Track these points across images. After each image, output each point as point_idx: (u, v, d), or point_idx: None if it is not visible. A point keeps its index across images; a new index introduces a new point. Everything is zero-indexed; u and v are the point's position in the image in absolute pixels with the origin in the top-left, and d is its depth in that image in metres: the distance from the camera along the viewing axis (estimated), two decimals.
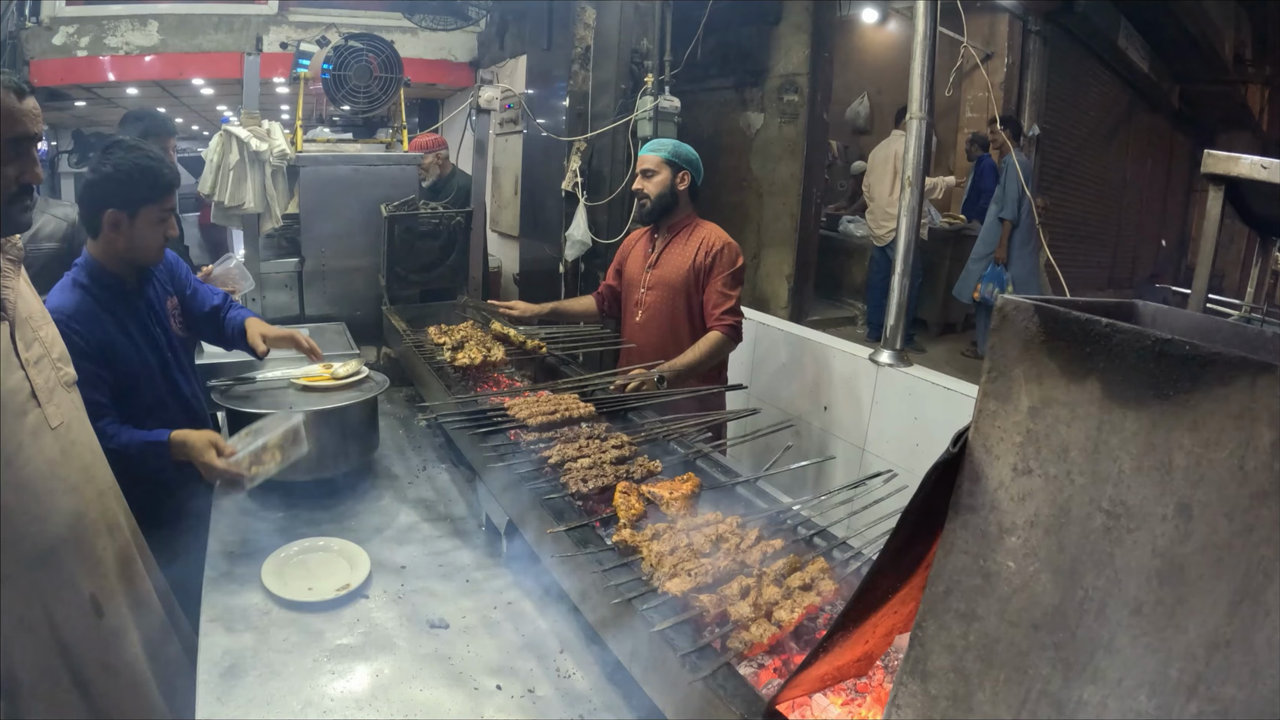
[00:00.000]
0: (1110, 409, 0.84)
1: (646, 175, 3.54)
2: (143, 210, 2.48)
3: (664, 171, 3.52)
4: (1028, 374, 0.89)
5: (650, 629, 1.53)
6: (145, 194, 2.47)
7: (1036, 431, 0.89)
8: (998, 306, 0.92)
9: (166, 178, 2.51)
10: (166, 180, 2.51)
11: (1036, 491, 0.89)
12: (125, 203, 2.45)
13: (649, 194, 3.53)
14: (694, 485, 2.12)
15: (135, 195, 2.46)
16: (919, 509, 1.00)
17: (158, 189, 2.49)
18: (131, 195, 2.45)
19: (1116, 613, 0.84)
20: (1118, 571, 0.84)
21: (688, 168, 3.57)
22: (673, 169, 3.53)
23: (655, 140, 3.67)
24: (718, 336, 3.36)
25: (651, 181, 3.53)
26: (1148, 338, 0.80)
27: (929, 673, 1.00)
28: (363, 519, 2.74)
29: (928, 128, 3.67)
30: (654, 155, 3.53)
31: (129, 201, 2.45)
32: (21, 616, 1.86)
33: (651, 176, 3.53)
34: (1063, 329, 0.86)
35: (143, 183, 2.45)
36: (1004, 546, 0.92)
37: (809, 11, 7.17)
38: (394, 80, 4.65)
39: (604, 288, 3.91)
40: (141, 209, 2.48)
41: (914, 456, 3.51)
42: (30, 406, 1.88)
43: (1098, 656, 0.86)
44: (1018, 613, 0.92)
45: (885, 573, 1.09)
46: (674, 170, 3.53)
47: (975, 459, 0.94)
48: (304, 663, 1.97)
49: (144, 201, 2.47)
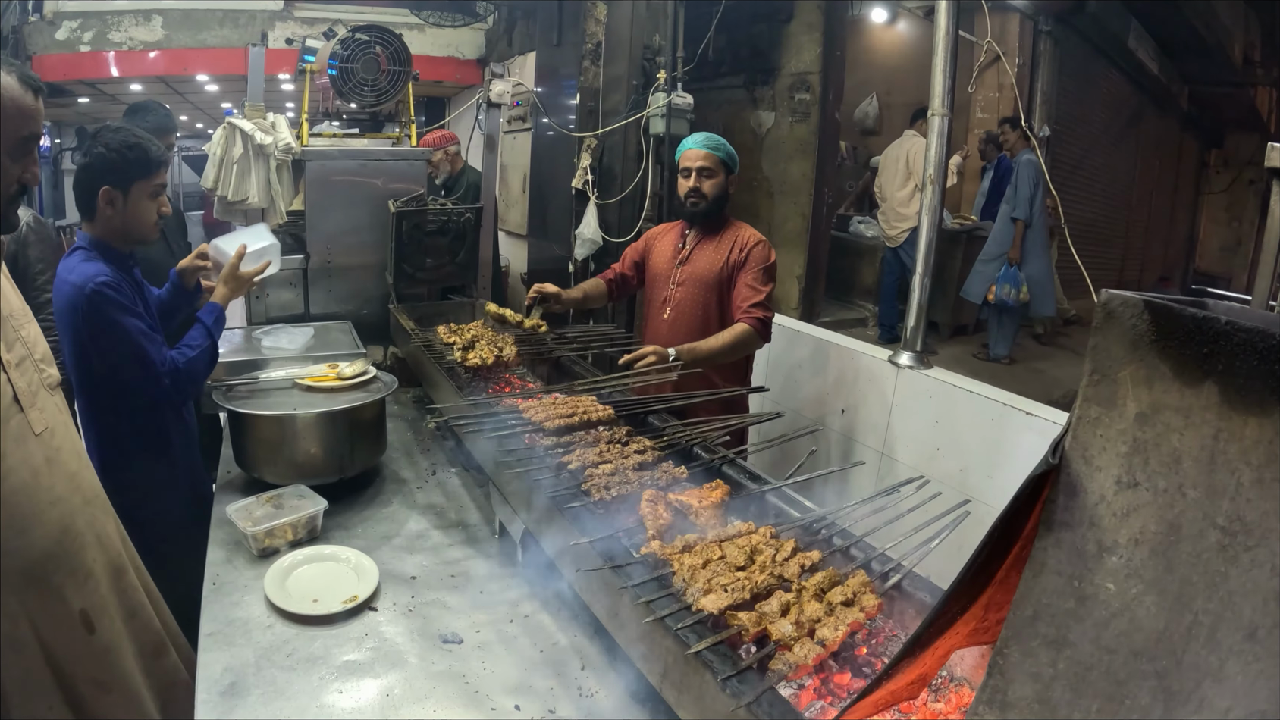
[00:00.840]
0: (1229, 416, 0.75)
1: (704, 174, 3.43)
2: (135, 186, 2.59)
3: (721, 174, 3.44)
4: (1135, 377, 0.80)
5: (685, 650, 1.43)
6: (136, 170, 2.58)
7: (1145, 440, 0.80)
8: (1102, 302, 0.83)
9: (155, 153, 2.61)
10: (155, 156, 2.62)
11: (1143, 506, 0.81)
12: (118, 180, 2.56)
13: (706, 194, 3.44)
14: (723, 493, 2.04)
15: (127, 172, 2.57)
16: (1004, 526, 0.91)
17: (147, 164, 2.60)
18: (123, 172, 2.56)
19: (1229, 638, 0.76)
20: (1232, 593, 0.76)
21: (736, 169, 3.51)
22: (727, 171, 3.46)
23: (705, 135, 3.51)
24: (744, 329, 3.26)
25: (710, 182, 3.43)
26: (1273, 337, 0.71)
27: (1010, 702, 0.91)
28: (370, 526, 2.66)
29: (949, 124, 3.61)
30: (713, 154, 3.41)
31: (122, 178, 2.56)
32: (8, 635, 1.79)
33: (710, 177, 3.43)
34: (1177, 327, 0.77)
35: (133, 159, 2.57)
36: (1104, 567, 0.83)
37: (821, 10, 7.15)
38: (402, 73, 4.57)
39: (615, 274, 3.79)
40: (133, 184, 2.59)
41: (935, 460, 3.45)
42: (12, 412, 1.81)
43: (1205, 685, 0.78)
44: (1116, 638, 0.83)
45: (961, 595, 1.00)
46: (728, 172, 3.46)
47: (1073, 471, 0.85)
48: (309, 681, 1.88)
49: (135, 177, 2.58)
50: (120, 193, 2.56)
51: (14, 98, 1.72)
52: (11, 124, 1.73)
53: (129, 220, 2.61)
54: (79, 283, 2.43)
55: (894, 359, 3.69)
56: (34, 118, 1.78)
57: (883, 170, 8.07)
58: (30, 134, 1.79)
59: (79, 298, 2.42)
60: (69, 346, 2.53)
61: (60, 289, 2.49)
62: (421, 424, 3.54)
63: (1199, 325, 0.76)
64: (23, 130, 1.76)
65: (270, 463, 2.79)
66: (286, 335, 3.73)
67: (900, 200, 7.60)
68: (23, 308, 1.98)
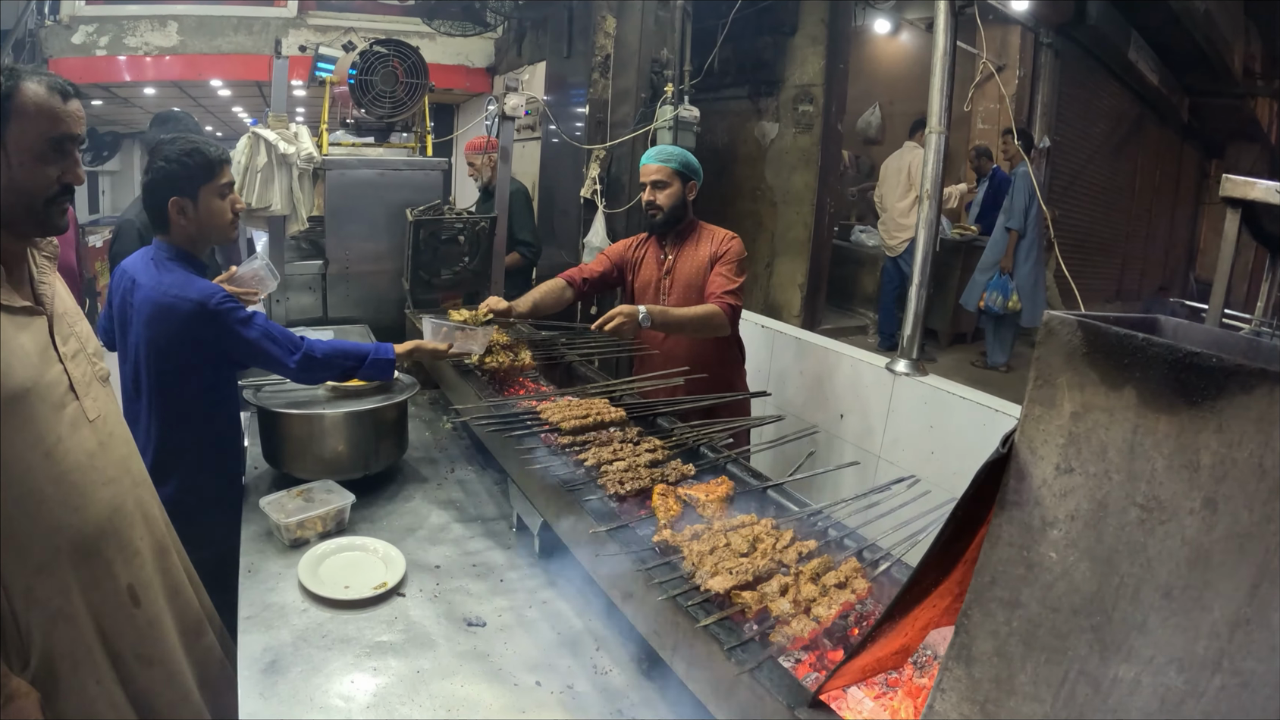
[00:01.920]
0: (1145, 414, 0.92)
1: (658, 187, 3.58)
2: (202, 190, 2.66)
3: (675, 183, 3.58)
4: (1070, 382, 0.97)
5: (695, 624, 1.60)
6: (200, 175, 2.64)
7: (1078, 434, 0.97)
8: (1045, 321, 1.00)
9: (215, 154, 2.66)
10: (216, 156, 2.66)
11: (1077, 488, 0.97)
12: (185, 188, 2.63)
13: (661, 205, 3.59)
14: (728, 488, 2.20)
15: (192, 177, 2.63)
16: (967, 506, 1.08)
17: (210, 167, 2.65)
18: (188, 179, 2.62)
19: (1149, 596, 0.92)
20: (1150, 559, 0.92)
21: (695, 177, 3.64)
22: (682, 180, 3.59)
23: (660, 149, 3.69)
24: (715, 309, 3.39)
25: (664, 193, 3.58)
26: (1179, 351, 0.88)
27: (973, 657, 1.07)
28: (394, 519, 2.80)
29: (945, 141, 3.74)
30: (665, 166, 3.57)
31: (188, 185, 2.63)
32: (60, 607, 1.89)
33: (664, 188, 3.58)
34: (1103, 342, 0.94)
35: (195, 164, 2.62)
36: (1047, 539, 1.00)
37: (825, 23, 7.25)
38: (419, 86, 4.74)
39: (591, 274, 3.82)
40: (201, 189, 2.65)
41: (929, 464, 3.58)
42: (68, 400, 1.93)
43: (1132, 637, 0.93)
44: (1058, 599, 0.99)
45: (931, 566, 1.16)
46: (684, 181, 3.60)
47: (1021, 459, 1.02)
48: (345, 659, 2.01)
49: (201, 182, 2.65)
50: (189, 200, 2.64)
51: (39, 103, 1.81)
52: (37, 127, 1.81)
53: (204, 224, 2.69)
54: (199, 299, 2.53)
55: (891, 366, 3.83)
56: (65, 120, 1.86)
57: (883, 180, 8.19)
58: (64, 135, 1.86)
59: (204, 313, 2.54)
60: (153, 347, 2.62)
61: (166, 300, 2.56)
62: (439, 424, 3.69)
63: (1120, 341, 0.92)
64: (53, 132, 1.84)
65: (299, 459, 2.93)
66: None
67: (900, 211, 7.72)
68: (75, 307, 2.09)
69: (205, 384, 2.71)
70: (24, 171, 1.82)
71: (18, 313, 1.86)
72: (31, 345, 1.87)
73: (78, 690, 1.94)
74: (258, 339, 2.64)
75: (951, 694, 1.10)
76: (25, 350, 1.84)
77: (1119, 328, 0.93)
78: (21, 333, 1.85)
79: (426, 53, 5.14)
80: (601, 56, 6.08)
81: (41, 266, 1.99)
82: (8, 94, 1.77)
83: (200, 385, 2.70)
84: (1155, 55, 10.88)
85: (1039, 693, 1.01)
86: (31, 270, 1.96)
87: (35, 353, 1.87)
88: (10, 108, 1.78)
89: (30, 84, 1.81)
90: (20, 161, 1.81)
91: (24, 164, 1.82)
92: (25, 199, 1.84)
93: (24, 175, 1.82)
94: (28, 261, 1.95)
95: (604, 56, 6.08)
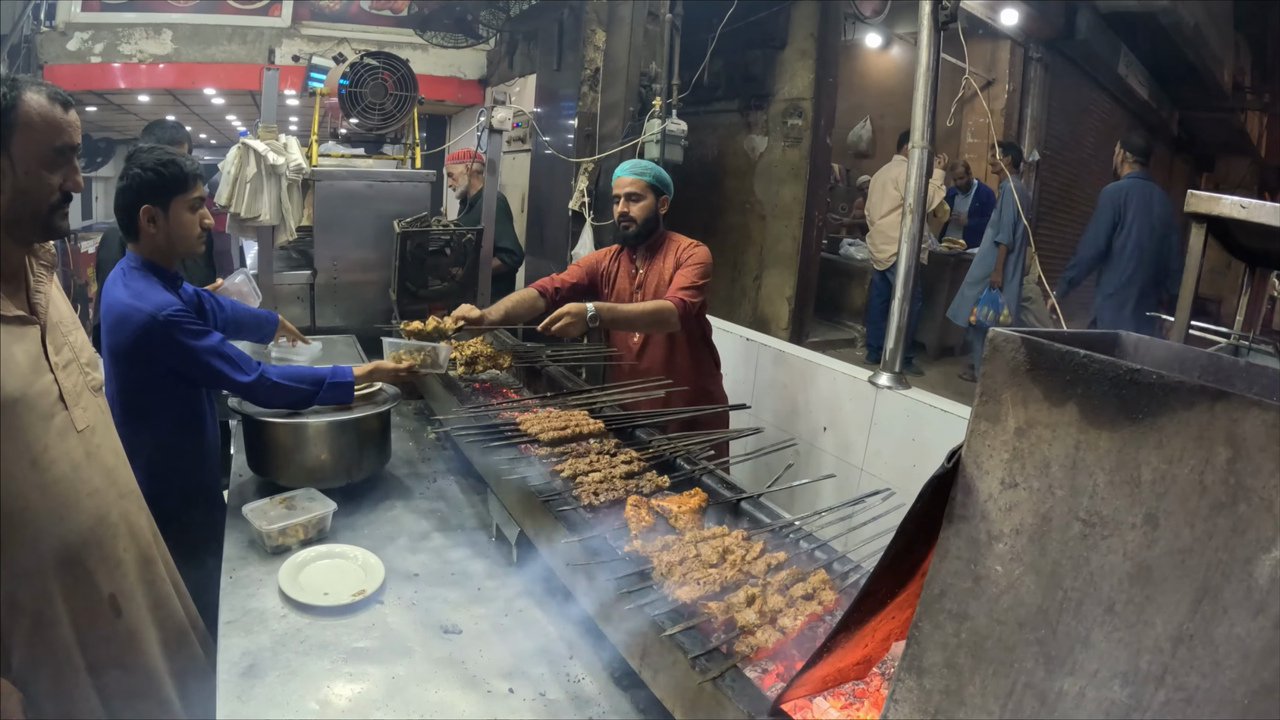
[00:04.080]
0: (1087, 430, 0.94)
1: (631, 199, 3.62)
2: (174, 201, 2.65)
3: (649, 196, 3.62)
4: (1015, 398, 0.99)
5: (661, 634, 1.62)
6: (174, 186, 2.64)
7: (1022, 449, 0.99)
8: (989, 338, 1.02)
9: (189, 169, 2.66)
10: (189, 171, 2.66)
11: (1022, 503, 0.99)
12: (157, 197, 2.63)
13: (635, 218, 3.63)
14: (701, 500, 2.22)
15: (164, 188, 2.62)
16: (916, 519, 1.10)
17: (184, 179, 2.65)
18: (161, 189, 2.62)
19: (1092, 610, 0.94)
20: (1093, 574, 0.94)
21: (667, 191, 3.68)
22: (655, 193, 3.64)
23: (634, 163, 3.74)
24: (665, 303, 3.40)
25: (637, 206, 3.62)
26: (1120, 367, 0.90)
27: (924, 669, 1.09)
28: (375, 528, 2.80)
29: (929, 156, 3.77)
30: (638, 179, 3.61)
31: (160, 195, 2.63)
32: (42, 613, 1.91)
33: (637, 201, 3.62)
34: (1046, 359, 0.97)
35: (169, 175, 2.61)
36: (993, 552, 1.02)
37: (814, 37, 7.29)
38: (409, 98, 4.76)
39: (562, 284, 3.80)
40: (172, 200, 2.65)
41: (910, 476, 3.57)
42: (57, 410, 1.94)
43: (1076, 650, 0.95)
44: (1005, 612, 1.01)
45: (884, 577, 1.18)
46: (656, 195, 3.64)
47: (967, 474, 1.04)
48: (322, 664, 2.02)
49: (174, 193, 2.64)
50: (160, 210, 2.64)
51: (43, 113, 1.84)
52: (43, 137, 1.85)
53: (173, 236, 2.69)
54: (151, 311, 2.52)
55: (874, 379, 3.85)
56: (66, 130, 1.89)
57: (871, 194, 8.23)
58: (64, 144, 1.89)
59: (154, 325, 2.52)
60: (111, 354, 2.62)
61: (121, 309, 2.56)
62: (423, 434, 3.69)
63: (1062, 358, 0.94)
64: (56, 141, 1.87)
65: (283, 467, 2.93)
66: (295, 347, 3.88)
67: (889, 224, 7.75)
68: (71, 316, 2.11)
69: (165, 394, 2.71)
70: (29, 180, 1.85)
71: (11, 322, 1.88)
72: (22, 355, 1.88)
73: (56, 695, 1.95)
74: (207, 356, 2.63)
75: (904, 704, 1.12)
76: (15, 360, 1.86)
77: (1060, 345, 0.95)
78: (13, 343, 1.87)
79: (419, 64, 5.18)
80: (591, 70, 6.11)
81: (39, 275, 2.01)
82: (11, 105, 1.80)
83: (160, 395, 2.70)
84: (1145, 69, 10.96)
85: (987, 704, 1.03)
86: (29, 279, 1.98)
87: (26, 362, 1.89)
88: (15, 118, 1.80)
89: (32, 94, 1.84)
90: (26, 170, 1.84)
91: (29, 172, 1.85)
92: (31, 206, 1.88)
93: (29, 183, 1.85)
94: (25, 270, 1.97)
95: (593, 70, 6.11)
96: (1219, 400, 0.83)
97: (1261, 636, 0.82)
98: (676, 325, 3.47)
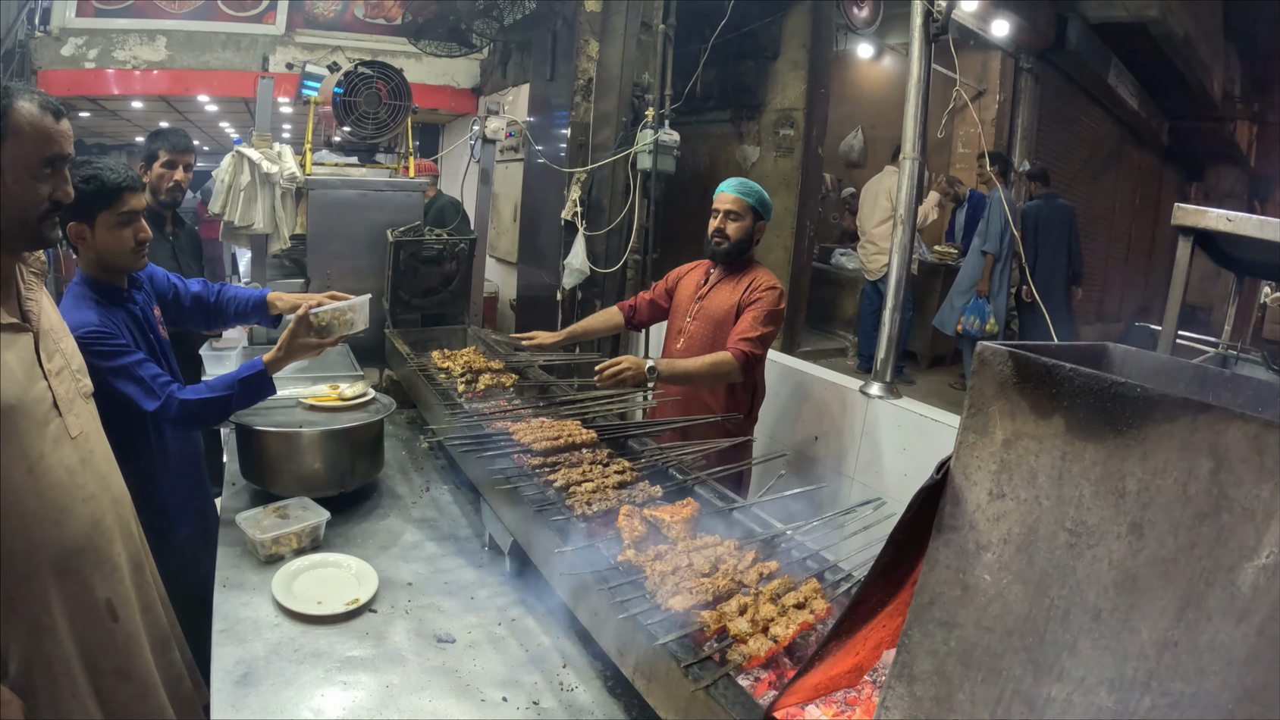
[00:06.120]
0: (1072, 442, 0.96)
1: (731, 217, 3.56)
2: (99, 217, 2.57)
3: (748, 218, 3.57)
4: (1002, 411, 1.01)
5: (654, 643, 1.63)
6: (96, 201, 2.54)
7: (1009, 461, 1.01)
8: (977, 352, 1.04)
9: (113, 181, 2.55)
10: (114, 184, 2.56)
11: (1009, 513, 1.01)
12: (81, 213, 2.54)
13: (730, 236, 3.57)
14: (693, 510, 2.23)
15: (87, 204, 2.53)
16: (906, 529, 1.12)
17: (104, 195, 2.55)
18: (84, 205, 2.51)
19: (1079, 619, 0.96)
20: (1079, 583, 0.96)
21: (766, 217, 3.65)
22: (755, 216, 3.59)
23: (740, 181, 3.67)
24: (726, 356, 3.34)
25: (734, 224, 3.56)
26: (1105, 380, 0.92)
27: (914, 676, 1.11)
28: (369, 537, 2.81)
29: (920, 167, 3.80)
30: (742, 199, 3.56)
31: (84, 211, 2.54)
32: (39, 619, 1.92)
33: (736, 220, 3.56)
34: (1032, 373, 0.98)
35: (90, 191, 2.51)
36: (981, 562, 1.04)
37: (806, 47, 7.34)
38: (402, 107, 4.77)
39: (642, 300, 3.92)
40: (98, 216, 2.57)
41: (901, 486, 3.61)
42: (52, 416, 1.95)
43: (1063, 658, 0.97)
44: (993, 620, 1.03)
45: (875, 586, 1.19)
46: (755, 218, 3.60)
47: (956, 485, 1.06)
48: (316, 673, 2.03)
49: (98, 208, 2.56)
50: (86, 225, 2.57)
51: (35, 122, 1.84)
52: (36, 146, 1.85)
53: (101, 250, 2.61)
54: (71, 327, 2.39)
55: (865, 389, 3.87)
56: (58, 139, 1.89)
57: (863, 204, 8.26)
58: (56, 154, 1.90)
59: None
60: None
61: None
62: (415, 443, 3.70)
63: (1048, 371, 0.96)
64: (46, 151, 1.87)
65: (276, 476, 2.94)
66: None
67: (880, 234, 7.78)
68: (60, 323, 2.13)
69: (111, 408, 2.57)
70: (19, 189, 1.85)
71: (4, 330, 1.89)
72: (16, 362, 1.89)
73: (54, 702, 1.95)
74: (115, 378, 2.51)
75: (895, 712, 1.14)
76: (10, 367, 1.87)
77: (1046, 358, 0.97)
78: (7, 350, 1.88)
79: (412, 73, 5.18)
80: (584, 80, 6.13)
81: (29, 283, 2.02)
82: (3, 113, 1.80)
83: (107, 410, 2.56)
84: (1135, 80, 11.04)
85: (977, 711, 1.04)
86: (19, 287, 1.98)
87: (20, 370, 1.90)
88: (6, 127, 1.81)
89: (24, 103, 1.84)
90: (15, 179, 1.84)
91: (19, 181, 1.85)
92: (20, 215, 1.88)
93: (19, 192, 1.86)
94: (16, 278, 1.98)
95: (586, 80, 6.13)
96: (1202, 413, 0.85)
97: (1245, 643, 0.84)
98: (739, 377, 3.43)
